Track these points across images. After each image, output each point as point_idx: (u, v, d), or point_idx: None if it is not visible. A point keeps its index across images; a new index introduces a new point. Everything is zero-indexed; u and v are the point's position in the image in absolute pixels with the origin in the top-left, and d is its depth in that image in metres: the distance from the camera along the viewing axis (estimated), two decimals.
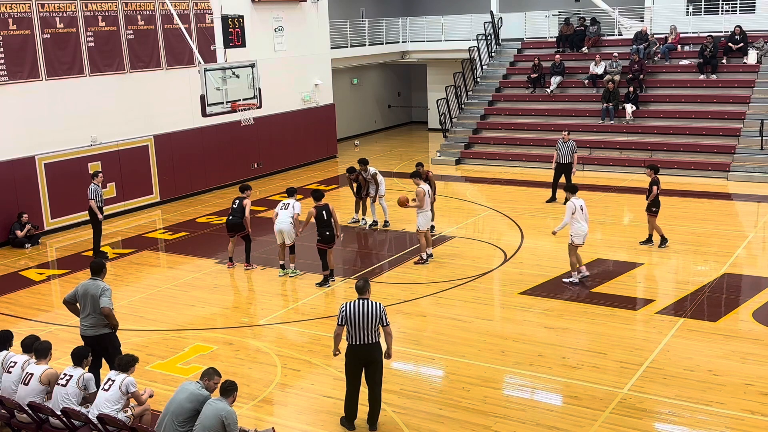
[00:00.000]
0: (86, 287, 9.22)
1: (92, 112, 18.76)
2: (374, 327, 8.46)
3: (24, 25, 17.26)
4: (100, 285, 9.18)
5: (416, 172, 15.08)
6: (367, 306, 8.47)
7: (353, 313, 8.42)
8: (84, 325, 9.23)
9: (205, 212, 19.50)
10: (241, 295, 13.73)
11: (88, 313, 9.17)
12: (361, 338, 8.44)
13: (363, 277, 8.70)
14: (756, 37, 23.67)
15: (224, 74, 15.79)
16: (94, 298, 9.10)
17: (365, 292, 8.62)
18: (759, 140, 21.06)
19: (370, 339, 8.47)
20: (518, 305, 12.46)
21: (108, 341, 9.23)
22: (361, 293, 8.60)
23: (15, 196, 17.25)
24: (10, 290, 14.15)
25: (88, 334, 9.20)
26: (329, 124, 26.56)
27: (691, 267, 14.20)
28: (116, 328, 9.32)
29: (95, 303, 9.09)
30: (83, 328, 9.25)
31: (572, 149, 18.45)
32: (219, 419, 7.28)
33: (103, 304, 9.05)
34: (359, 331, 8.42)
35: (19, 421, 8.40)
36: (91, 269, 9.43)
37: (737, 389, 9.36)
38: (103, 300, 9.05)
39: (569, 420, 8.81)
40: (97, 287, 9.15)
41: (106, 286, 9.19)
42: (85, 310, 9.21)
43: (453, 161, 24.65)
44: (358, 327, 8.41)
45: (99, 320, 9.14)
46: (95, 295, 9.09)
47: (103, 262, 9.63)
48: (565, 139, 18.52)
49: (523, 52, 27.73)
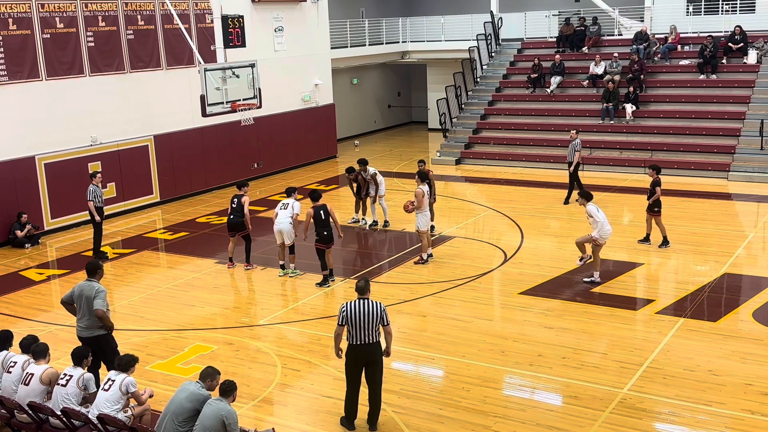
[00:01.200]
0: (81, 288, 9.21)
1: (92, 112, 18.76)
2: (375, 327, 8.47)
3: (24, 25, 17.26)
4: (95, 286, 9.15)
5: (421, 172, 15.09)
6: (368, 305, 8.48)
7: (354, 312, 8.42)
8: (80, 326, 9.23)
9: (205, 212, 19.50)
10: (241, 295, 13.73)
11: (83, 315, 9.16)
12: (362, 338, 8.44)
13: (363, 277, 8.68)
14: (756, 37, 23.67)
15: (224, 74, 15.79)
16: (88, 300, 9.08)
17: (366, 292, 8.63)
18: (759, 140, 21.06)
19: (371, 339, 8.47)
20: (518, 305, 12.46)
21: (104, 342, 9.19)
22: (362, 293, 8.61)
23: (15, 196, 17.25)
24: (10, 290, 14.15)
25: (84, 335, 9.18)
26: (329, 124, 26.57)
27: (691, 267, 14.20)
28: (111, 330, 9.29)
29: (90, 304, 9.07)
30: (79, 329, 9.24)
31: (574, 148, 18.46)
32: (219, 419, 7.28)
33: (97, 306, 9.02)
34: (360, 330, 8.41)
35: (19, 421, 8.40)
36: (87, 270, 9.40)
37: (737, 389, 9.36)
38: (97, 302, 9.03)
39: (569, 420, 8.81)
40: (91, 289, 9.13)
41: (100, 288, 9.15)
42: (80, 311, 9.20)
43: (453, 161, 24.65)
44: (358, 327, 8.41)
45: (94, 322, 9.11)
46: (89, 296, 9.07)
47: (99, 263, 9.56)
48: (572, 138, 18.55)
49: (523, 52, 27.73)
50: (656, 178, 15.03)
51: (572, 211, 18.28)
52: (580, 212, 18.06)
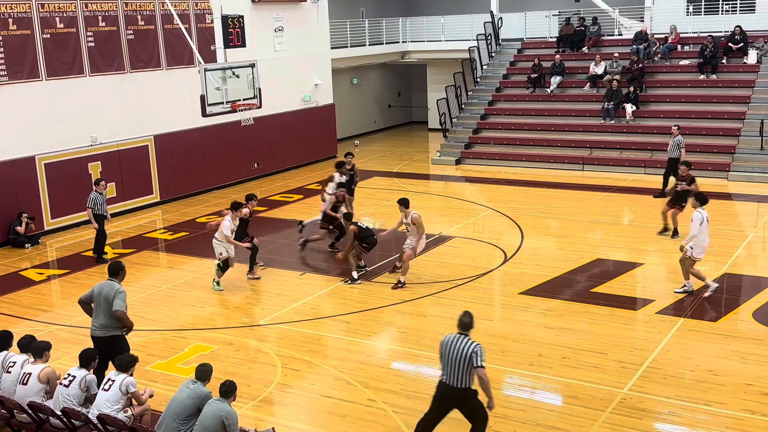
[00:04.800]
0: (101, 288, 9.17)
1: (92, 112, 18.75)
2: (465, 369, 7.53)
3: (24, 25, 17.26)
4: (115, 287, 9.11)
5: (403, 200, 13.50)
6: (460, 343, 7.60)
7: (446, 347, 7.64)
8: (94, 326, 9.19)
9: (205, 212, 19.49)
10: (242, 295, 13.72)
11: (99, 314, 9.13)
12: (450, 378, 7.64)
13: (468, 311, 7.96)
14: (756, 37, 23.66)
15: (224, 74, 15.77)
16: (107, 300, 9.05)
17: (467, 328, 7.76)
18: (759, 140, 21.05)
19: (459, 383, 7.59)
20: (518, 305, 12.46)
21: (117, 344, 9.14)
22: (462, 329, 7.76)
23: (15, 196, 17.24)
24: (10, 290, 14.15)
25: (98, 335, 9.15)
26: (329, 124, 26.56)
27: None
28: (130, 330, 9.26)
29: (108, 305, 9.04)
30: (93, 329, 9.21)
31: (679, 144, 18.40)
32: (219, 419, 7.28)
33: (116, 307, 9.00)
34: (448, 369, 7.62)
35: (19, 421, 8.40)
36: (109, 271, 9.36)
37: (737, 389, 9.36)
38: (116, 303, 9.00)
39: (569, 420, 8.81)
40: (111, 289, 9.09)
41: (120, 289, 9.12)
42: (97, 310, 9.16)
43: (453, 161, 24.64)
44: (447, 364, 7.61)
45: (109, 322, 9.08)
46: (108, 296, 9.04)
47: (122, 263, 9.49)
48: (674, 134, 18.50)
49: (523, 52, 27.73)
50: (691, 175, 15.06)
51: (572, 211, 18.30)
52: (580, 212, 18.15)
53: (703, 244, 12.21)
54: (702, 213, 12.20)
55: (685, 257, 12.32)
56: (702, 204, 12.37)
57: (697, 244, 12.15)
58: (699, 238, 12.13)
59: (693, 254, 12.22)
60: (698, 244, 12.17)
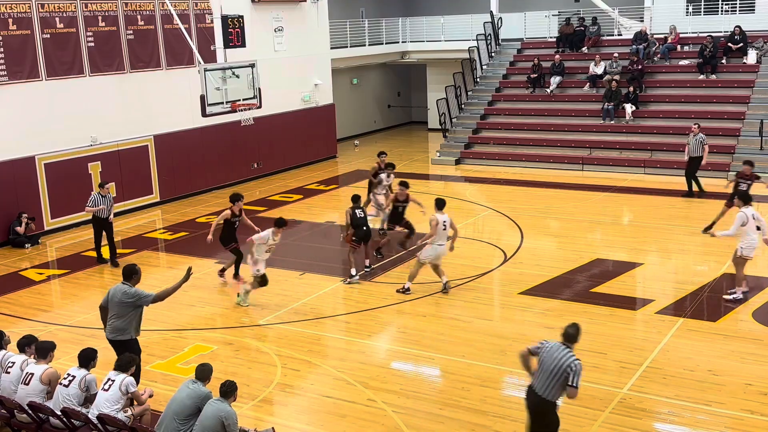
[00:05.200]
0: (115, 291, 9.16)
1: (92, 112, 18.75)
2: (556, 380, 7.30)
3: (24, 25, 17.26)
4: (129, 291, 9.07)
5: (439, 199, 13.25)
6: (561, 354, 7.32)
7: (547, 353, 7.42)
8: (108, 329, 9.18)
9: (205, 212, 19.49)
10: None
11: (112, 317, 9.12)
12: (538, 383, 7.42)
13: (576, 323, 7.67)
14: (756, 37, 23.67)
15: (224, 74, 15.77)
16: (120, 303, 9.04)
17: (572, 340, 7.48)
18: (759, 140, 21.06)
19: (546, 392, 7.35)
20: (518, 305, 12.46)
21: (129, 348, 9.08)
22: (567, 341, 7.48)
23: (15, 196, 17.24)
24: (10, 290, 14.14)
25: (110, 338, 9.17)
26: (329, 124, 26.57)
27: (691, 267, 14.21)
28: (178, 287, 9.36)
29: (120, 307, 9.03)
30: (107, 332, 9.21)
31: (701, 142, 18.37)
32: (219, 420, 7.28)
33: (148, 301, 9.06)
34: (541, 375, 7.40)
35: (19, 421, 8.40)
36: (123, 274, 9.32)
37: (737, 389, 9.36)
38: (145, 299, 9.04)
39: (569, 420, 8.80)
40: (124, 293, 9.06)
41: (135, 292, 9.06)
42: (110, 312, 9.16)
43: (453, 161, 24.65)
44: (541, 370, 7.41)
45: (122, 324, 9.06)
46: (121, 300, 9.03)
47: (136, 267, 9.38)
48: (695, 132, 18.46)
49: (523, 52, 27.72)
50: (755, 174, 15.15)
51: (572, 211, 18.30)
52: (579, 212, 18.16)
53: (753, 244, 12.14)
54: (746, 212, 12.09)
55: (737, 256, 12.32)
56: (745, 203, 12.33)
57: (747, 244, 12.11)
58: (750, 237, 12.02)
59: (743, 253, 12.19)
60: (749, 244, 12.11)
